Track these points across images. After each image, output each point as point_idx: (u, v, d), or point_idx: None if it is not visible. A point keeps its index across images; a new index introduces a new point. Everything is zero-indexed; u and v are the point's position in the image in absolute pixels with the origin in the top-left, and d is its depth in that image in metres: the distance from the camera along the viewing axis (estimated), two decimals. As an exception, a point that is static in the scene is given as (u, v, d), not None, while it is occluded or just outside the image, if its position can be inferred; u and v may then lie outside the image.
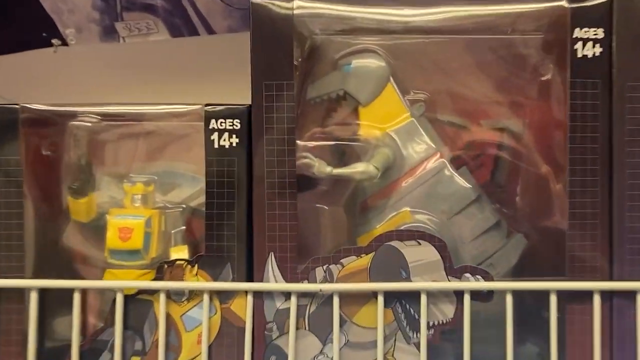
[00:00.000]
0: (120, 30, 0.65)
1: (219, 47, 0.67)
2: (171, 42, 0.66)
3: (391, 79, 0.55)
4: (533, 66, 0.54)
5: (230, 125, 0.53)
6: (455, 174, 0.54)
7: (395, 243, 0.52)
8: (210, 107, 0.53)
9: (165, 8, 0.64)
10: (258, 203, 0.53)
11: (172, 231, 0.55)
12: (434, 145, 0.55)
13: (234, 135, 0.53)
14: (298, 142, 0.53)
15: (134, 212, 0.54)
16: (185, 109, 0.54)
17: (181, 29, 0.66)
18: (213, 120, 0.53)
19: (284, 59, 0.52)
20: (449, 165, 0.54)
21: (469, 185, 0.54)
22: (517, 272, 0.54)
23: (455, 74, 0.55)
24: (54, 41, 0.66)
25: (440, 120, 0.55)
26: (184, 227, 0.55)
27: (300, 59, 0.53)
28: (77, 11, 0.64)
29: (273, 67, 0.52)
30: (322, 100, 0.55)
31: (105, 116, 0.55)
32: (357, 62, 0.54)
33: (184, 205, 0.56)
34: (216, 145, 0.53)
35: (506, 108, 0.55)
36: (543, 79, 0.54)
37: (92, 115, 0.55)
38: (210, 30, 0.65)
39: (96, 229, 0.55)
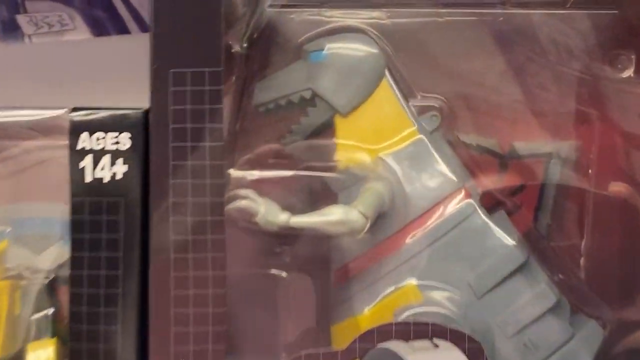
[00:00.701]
0: (24, 25, 0.61)
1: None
2: (93, 43, 0.62)
3: (387, 74, 0.47)
4: (601, 59, 0.48)
5: (113, 144, 0.42)
6: (491, 223, 0.46)
7: (394, 345, 0.42)
8: (78, 113, 0.43)
9: (83, -4, 0.61)
10: (158, 278, 0.42)
11: (33, 317, 0.46)
12: (455, 178, 0.47)
13: (119, 161, 0.42)
14: (232, 172, 0.45)
15: (-35, 285, 0.45)
16: (40, 117, 0.44)
17: (106, 24, 0.62)
18: (84, 135, 0.42)
19: (208, 33, 0.42)
20: (479, 209, 0.46)
21: (512, 242, 0.46)
22: (592, 383, 0.46)
23: (482, 71, 0.48)
24: None
25: (465, 140, 0.48)
26: (53, 310, 0.46)
27: (245, 43, 0.46)
28: (-39, -2, 0.60)
29: (188, 46, 0.42)
30: (276, 107, 0.47)
31: None
32: (333, 48, 0.47)
33: (53, 275, 0.46)
34: (89, 178, 0.42)
35: (556, 121, 0.49)
36: (622, 75, 0.48)
37: None
38: (144, 27, 0.61)
39: None
